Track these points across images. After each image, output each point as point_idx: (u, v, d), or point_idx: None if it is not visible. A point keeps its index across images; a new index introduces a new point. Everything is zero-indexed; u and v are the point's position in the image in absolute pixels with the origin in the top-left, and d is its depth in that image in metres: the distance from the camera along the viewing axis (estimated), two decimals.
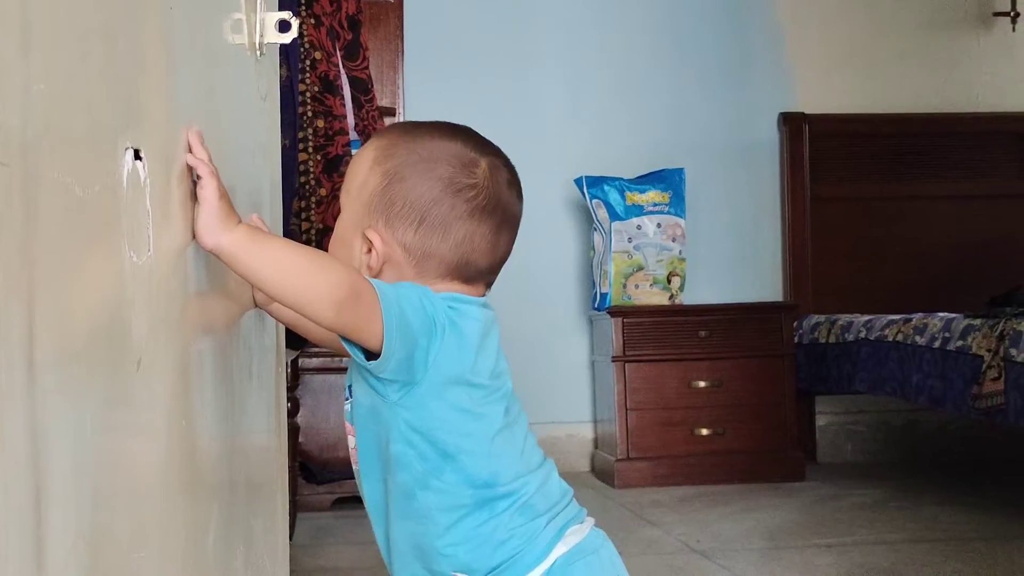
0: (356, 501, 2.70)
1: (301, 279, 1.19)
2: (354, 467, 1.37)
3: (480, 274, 1.39)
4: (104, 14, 0.91)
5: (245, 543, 1.41)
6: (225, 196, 1.16)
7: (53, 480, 0.75)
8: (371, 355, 1.23)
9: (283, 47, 2.12)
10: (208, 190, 1.14)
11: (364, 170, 1.36)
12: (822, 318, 4.96)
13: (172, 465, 1.04)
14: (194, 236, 1.15)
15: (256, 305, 1.46)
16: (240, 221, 1.18)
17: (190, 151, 1.14)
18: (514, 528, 1.29)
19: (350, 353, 1.24)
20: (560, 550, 1.31)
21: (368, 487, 1.34)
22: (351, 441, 1.36)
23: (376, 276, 1.33)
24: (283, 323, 1.54)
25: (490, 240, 1.39)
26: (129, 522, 0.91)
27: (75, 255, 0.82)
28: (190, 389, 1.12)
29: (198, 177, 1.14)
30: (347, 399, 1.36)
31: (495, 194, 1.41)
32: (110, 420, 0.88)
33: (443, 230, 1.35)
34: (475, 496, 1.29)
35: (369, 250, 1.34)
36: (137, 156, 0.96)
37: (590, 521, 1.39)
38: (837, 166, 5.45)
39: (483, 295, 1.40)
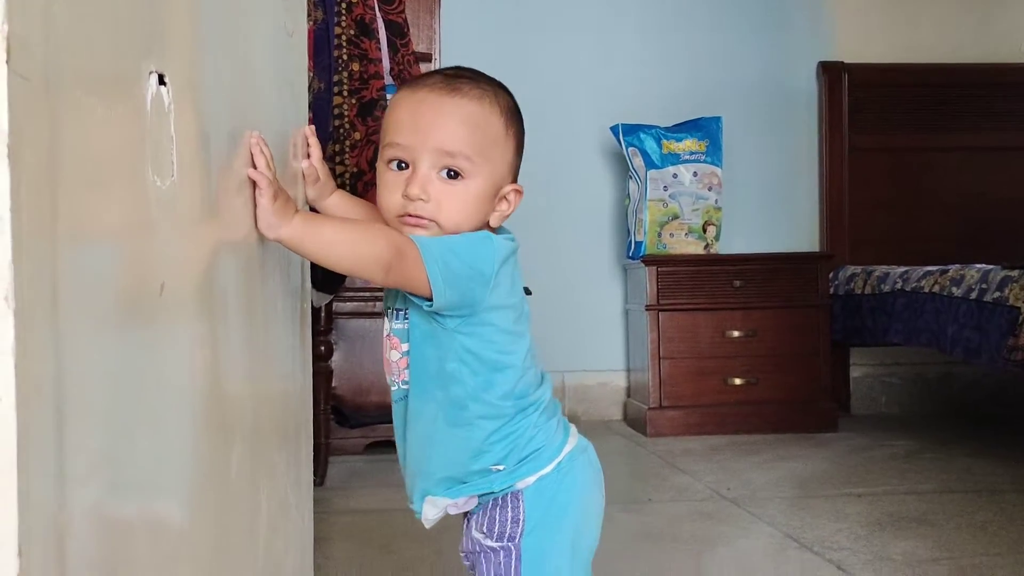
0: (389, 445, 2.72)
1: (351, 253, 1.38)
2: (391, 378, 1.51)
3: None
4: None
5: (268, 477, 1.42)
6: (281, 193, 1.33)
7: (75, 401, 0.75)
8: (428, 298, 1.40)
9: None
10: (266, 198, 1.31)
11: (502, 135, 1.48)
12: (858, 269, 4.93)
13: (194, 392, 1.05)
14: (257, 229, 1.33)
15: (310, 201, 1.61)
16: (297, 210, 1.36)
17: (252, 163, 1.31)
18: (539, 427, 1.49)
19: (411, 297, 1.42)
20: (569, 446, 1.51)
21: (416, 401, 1.48)
22: (394, 355, 1.50)
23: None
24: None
25: None
26: (151, 445, 0.92)
27: (98, 176, 0.82)
28: (214, 316, 1.12)
29: (256, 186, 1.31)
30: (390, 317, 1.51)
31: None
32: (133, 343, 0.88)
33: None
34: (514, 405, 1.47)
35: (502, 200, 1.50)
36: (161, 81, 0.96)
37: (574, 427, 1.57)
38: (876, 116, 5.39)
39: None
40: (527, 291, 1.59)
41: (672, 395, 4.72)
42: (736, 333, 4.74)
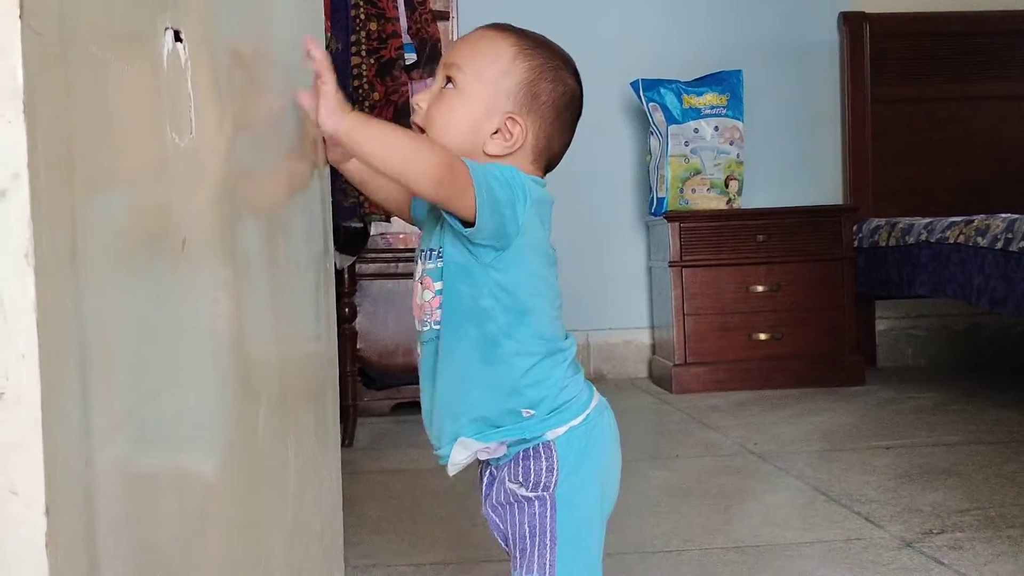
0: (415, 406, 2.72)
1: (405, 157, 1.39)
2: (423, 320, 1.53)
3: (550, 170, 1.61)
4: None
5: (296, 436, 1.42)
6: (339, 90, 1.37)
7: (98, 357, 0.75)
8: (466, 224, 1.42)
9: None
10: (329, 85, 1.35)
11: (506, 60, 1.53)
12: (882, 221, 4.90)
13: (218, 349, 1.05)
14: (316, 124, 1.37)
15: (329, 162, 1.63)
16: (352, 109, 1.40)
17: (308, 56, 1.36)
18: (570, 377, 1.51)
19: (451, 223, 1.43)
20: (595, 402, 1.54)
21: (449, 339, 1.50)
22: (427, 295, 1.52)
23: (500, 158, 1.52)
24: (354, 182, 1.65)
25: (569, 145, 1.62)
26: (176, 401, 0.91)
27: (116, 132, 0.81)
28: (237, 272, 1.12)
29: (318, 76, 1.36)
30: (423, 259, 1.54)
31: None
32: (155, 298, 0.87)
33: (564, 129, 1.58)
34: (545, 347, 1.49)
35: (497, 132, 1.51)
36: (178, 38, 0.95)
37: (593, 387, 1.58)
38: (898, 67, 5.33)
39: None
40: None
41: (697, 351, 4.70)
42: (760, 288, 4.72)
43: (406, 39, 3.59)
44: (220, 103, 1.09)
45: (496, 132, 1.52)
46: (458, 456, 1.53)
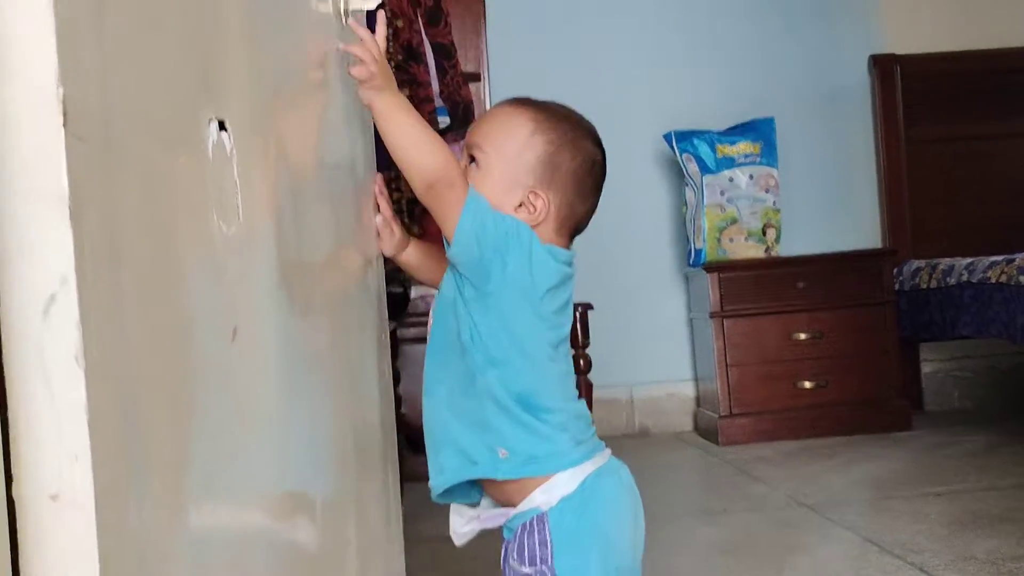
0: None
1: (416, 149, 1.50)
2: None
3: (578, 233, 1.66)
4: None
5: (356, 508, 1.42)
6: (385, 66, 1.50)
7: (152, 452, 0.75)
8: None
9: (366, 16, 2.13)
10: (370, 63, 1.48)
11: (524, 136, 1.58)
12: (922, 263, 4.87)
13: (273, 433, 1.05)
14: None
15: (385, 255, 1.71)
16: (397, 89, 1.53)
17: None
18: (554, 432, 1.51)
19: (444, 240, 1.52)
20: (589, 467, 1.52)
21: (434, 369, 1.58)
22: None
23: None
24: (406, 270, 1.74)
25: (595, 208, 1.67)
26: (232, 492, 0.92)
27: (163, 228, 0.82)
28: (291, 357, 1.12)
29: (365, 50, 1.48)
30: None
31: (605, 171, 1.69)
32: (208, 389, 0.88)
33: (587, 196, 1.62)
34: (514, 400, 1.51)
35: (520, 205, 1.56)
36: (222, 127, 0.96)
37: (608, 451, 1.58)
38: (931, 107, 5.32)
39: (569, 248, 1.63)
40: (589, 306, 1.65)
41: (742, 402, 4.68)
42: (803, 335, 4.70)
43: (439, 103, 3.62)
44: (270, 191, 1.10)
45: (520, 206, 1.56)
46: (456, 524, 1.58)
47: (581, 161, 1.61)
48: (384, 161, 3.15)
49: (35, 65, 0.68)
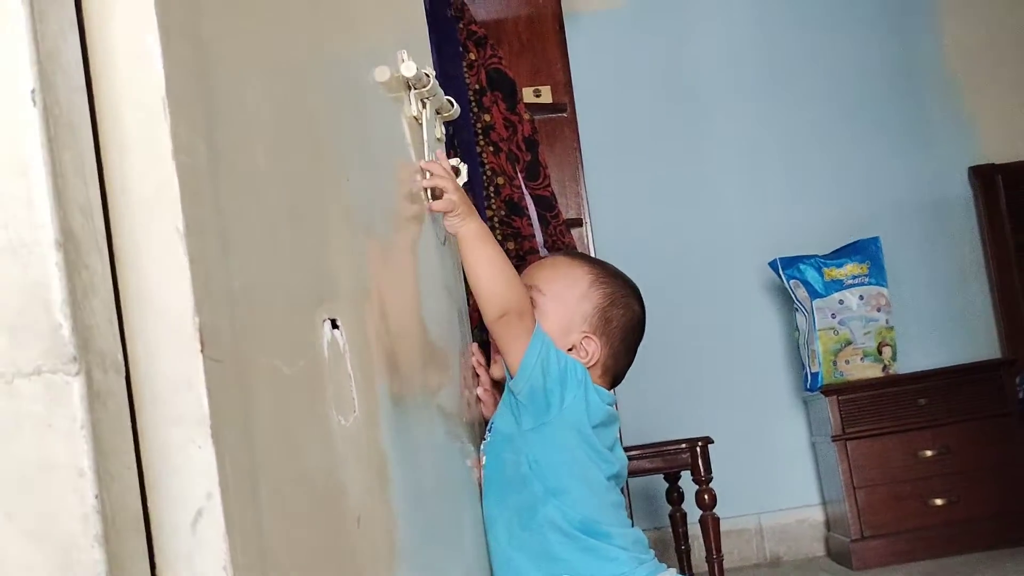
0: None
1: (495, 279, 1.60)
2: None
3: (616, 384, 1.80)
4: (290, 198, 0.99)
5: None
6: (465, 197, 1.61)
7: None
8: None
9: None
10: (451, 194, 1.59)
11: (583, 286, 1.73)
12: None
13: None
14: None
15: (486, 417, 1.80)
16: (479, 218, 1.65)
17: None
18: (619, 552, 1.62)
19: (504, 369, 1.64)
20: None
21: (493, 508, 1.63)
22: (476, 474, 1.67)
23: None
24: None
25: (631, 364, 1.82)
26: None
27: (288, 431, 0.88)
28: (413, 539, 1.17)
29: (442, 188, 1.59)
30: (484, 438, 1.71)
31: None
32: (340, 572, 0.93)
33: (628, 351, 1.78)
34: (582, 528, 1.59)
35: (572, 348, 1.69)
36: (334, 325, 1.03)
37: (673, 570, 1.69)
38: None
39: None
40: (709, 440, 1.74)
41: (873, 524, 4.60)
42: (928, 452, 4.63)
43: (543, 252, 3.69)
44: (379, 375, 1.16)
45: (571, 349, 1.69)
46: None
47: (630, 318, 1.75)
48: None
49: (171, 297, 0.75)
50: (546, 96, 4.48)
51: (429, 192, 1.62)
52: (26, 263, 0.67)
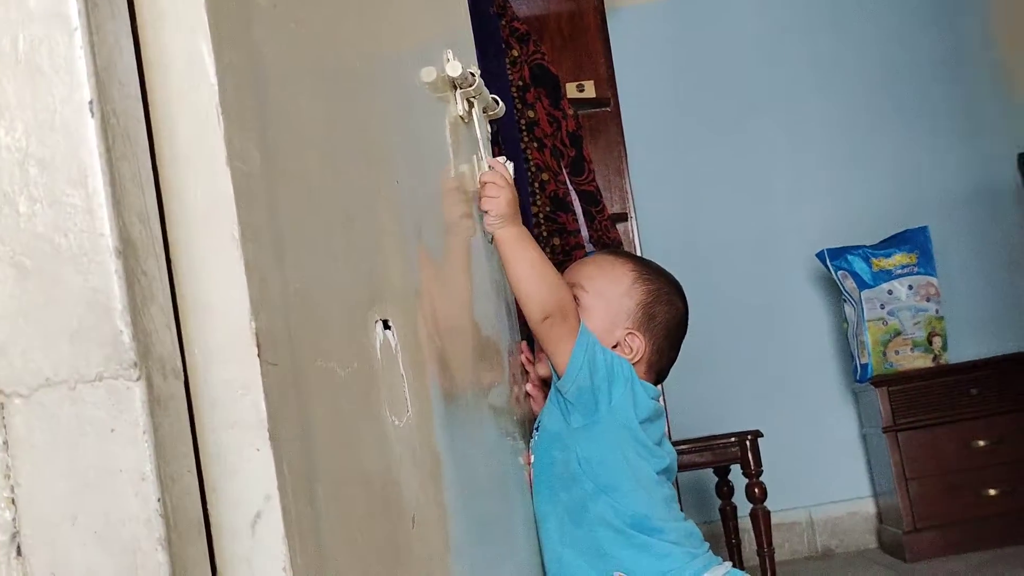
0: None
1: (538, 281, 1.60)
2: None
3: (660, 381, 1.80)
4: (342, 202, 0.99)
5: None
6: (513, 200, 1.61)
7: None
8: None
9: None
10: (501, 194, 1.59)
11: (627, 283, 1.74)
12: None
13: None
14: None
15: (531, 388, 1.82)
16: (521, 221, 1.64)
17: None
18: (670, 548, 1.61)
19: (551, 370, 1.64)
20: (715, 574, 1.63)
21: (543, 504, 1.64)
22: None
23: None
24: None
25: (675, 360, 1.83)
26: None
27: (343, 433, 0.89)
28: (466, 538, 1.18)
29: (494, 183, 1.60)
30: (532, 436, 1.72)
31: None
32: (393, 571, 0.94)
33: (672, 347, 1.79)
34: (634, 524, 1.60)
35: (616, 345, 1.70)
36: (386, 326, 1.04)
37: (728, 564, 1.68)
38: None
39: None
40: (759, 434, 1.74)
41: (925, 515, 4.57)
42: (981, 442, 4.59)
43: (589, 248, 3.69)
44: (430, 375, 1.17)
45: (616, 345, 1.70)
46: None
47: (674, 314, 1.76)
48: None
49: (228, 302, 0.76)
50: (589, 91, 4.48)
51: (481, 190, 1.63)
52: (87, 271, 0.68)
